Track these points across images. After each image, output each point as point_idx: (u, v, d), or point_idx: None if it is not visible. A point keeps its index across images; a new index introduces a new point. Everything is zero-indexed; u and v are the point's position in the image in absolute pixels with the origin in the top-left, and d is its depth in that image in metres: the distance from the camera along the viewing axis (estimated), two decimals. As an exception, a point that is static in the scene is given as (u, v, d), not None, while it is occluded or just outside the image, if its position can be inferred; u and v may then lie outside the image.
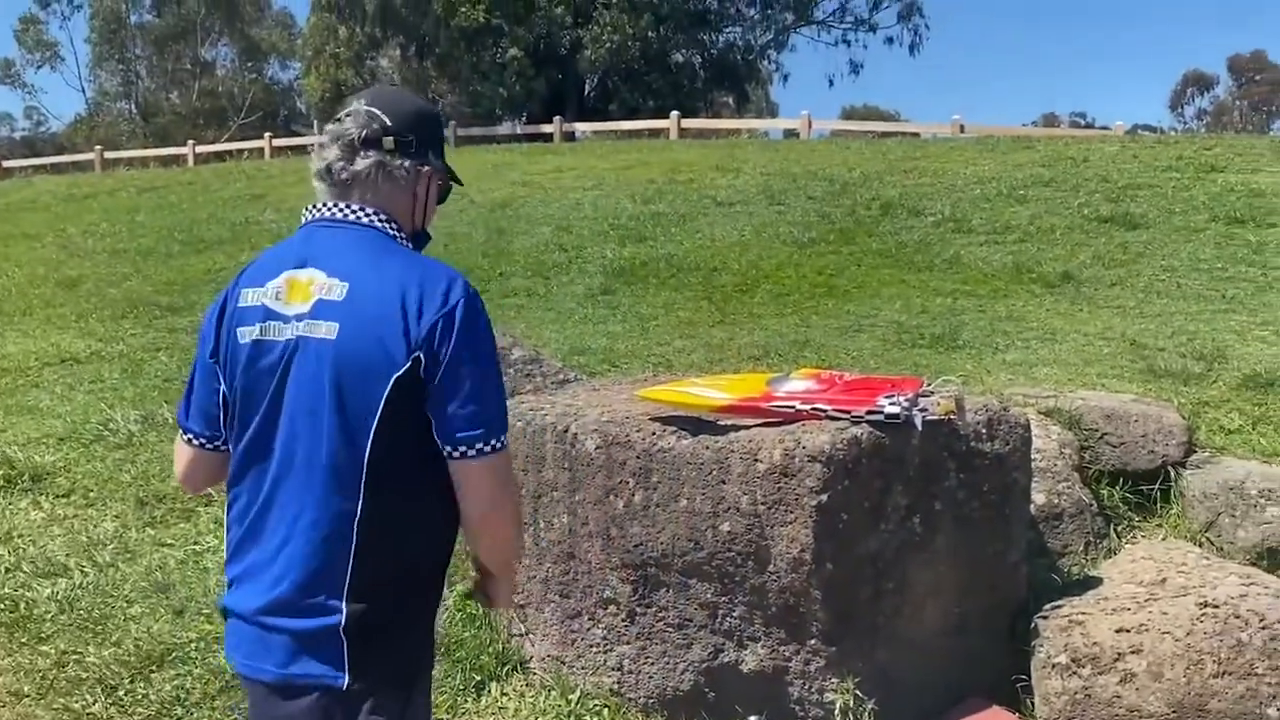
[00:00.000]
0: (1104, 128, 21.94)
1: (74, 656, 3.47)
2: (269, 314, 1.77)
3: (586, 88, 26.45)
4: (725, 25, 27.45)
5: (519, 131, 22.43)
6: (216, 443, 1.90)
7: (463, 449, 1.72)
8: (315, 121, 32.04)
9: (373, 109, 1.83)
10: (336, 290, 1.72)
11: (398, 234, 1.83)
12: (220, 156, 22.21)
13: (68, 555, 4.13)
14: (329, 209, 1.82)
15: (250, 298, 1.80)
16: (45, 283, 9.00)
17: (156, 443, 5.05)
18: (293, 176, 14.10)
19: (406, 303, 1.69)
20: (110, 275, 9.10)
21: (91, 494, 4.66)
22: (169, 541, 4.27)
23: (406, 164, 1.83)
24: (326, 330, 1.71)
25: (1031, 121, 43.03)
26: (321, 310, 1.72)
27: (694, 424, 3.03)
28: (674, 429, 3.02)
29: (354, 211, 1.80)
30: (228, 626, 1.87)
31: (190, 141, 24.35)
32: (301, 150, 22.87)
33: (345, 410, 1.70)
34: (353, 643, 1.74)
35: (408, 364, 1.68)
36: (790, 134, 19.34)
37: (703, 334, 6.05)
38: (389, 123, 1.81)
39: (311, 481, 1.74)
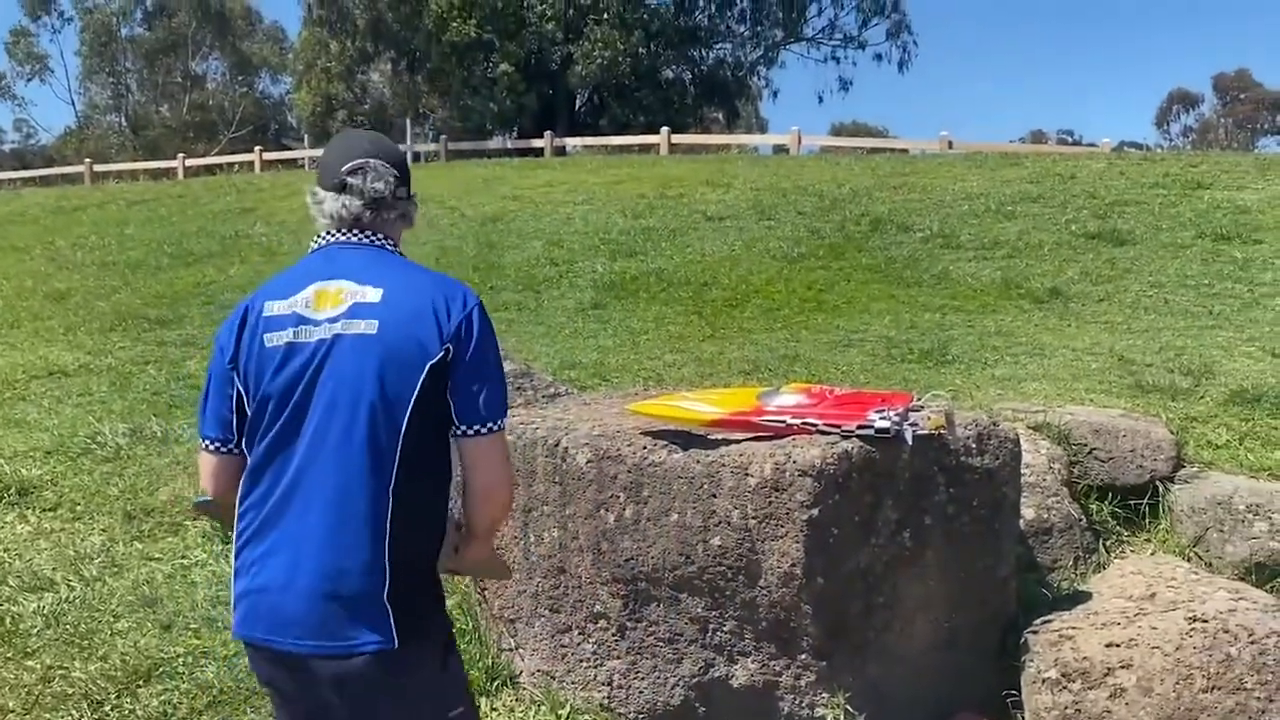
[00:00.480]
0: (1091, 144, 22.12)
1: (60, 671, 3.44)
2: (300, 320, 2.02)
3: (577, 103, 26.55)
4: (715, 42, 27.61)
5: (510, 146, 22.48)
6: (230, 446, 2.09)
7: (476, 427, 2.01)
8: (306, 135, 32.05)
9: (386, 164, 2.13)
10: (371, 295, 2.01)
11: (396, 251, 2.16)
12: (210, 170, 22.20)
13: (54, 569, 4.10)
14: (344, 235, 2.12)
15: (277, 308, 2.04)
16: (33, 295, 8.96)
17: (144, 456, 5.03)
18: (283, 190, 14.09)
19: (435, 305, 2.00)
20: (99, 288, 9.07)
21: (79, 507, 4.64)
22: (156, 555, 4.25)
23: (412, 210, 2.21)
24: (365, 327, 1.98)
25: (1019, 138, 43.34)
26: (358, 311, 2.00)
27: (685, 438, 3.03)
28: (665, 443, 3.03)
29: (368, 236, 2.13)
30: (250, 605, 2.01)
31: (180, 155, 24.33)
32: (292, 164, 22.91)
33: (386, 393, 1.96)
34: (396, 608, 1.95)
35: (440, 354, 1.97)
36: (780, 149, 19.43)
37: (693, 348, 6.06)
38: (397, 176, 2.14)
39: (347, 461, 1.96)
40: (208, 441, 2.10)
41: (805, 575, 2.83)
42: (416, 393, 1.96)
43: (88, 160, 24.28)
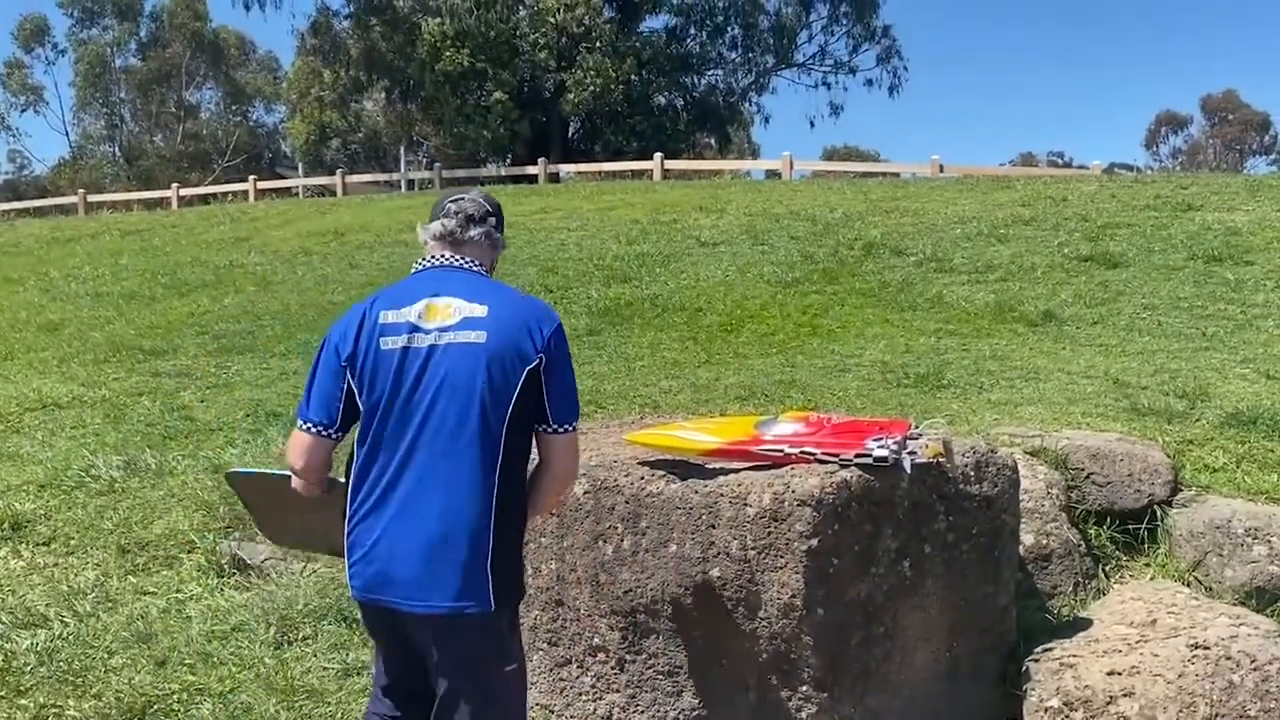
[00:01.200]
0: (1081, 166, 22.25)
1: (54, 710, 3.40)
2: (414, 328, 2.41)
3: (570, 130, 26.66)
4: (707, 68, 27.78)
5: (504, 173, 22.55)
6: (332, 431, 2.47)
7: (559, 426, 2.45)
8: (300, 164, 32.14)
9: (478, 199, 2.61)
10: (478, 310, 2.42)
11: (489, 275, 2.58)
12: (204, 199, 22.22)
13: (48, 605, 4.07)
14: (448, 258, 2.53)
15: (392, 316, 2.44)
16: (27, 327, 8.94)
17: (139, 489, 5.00)
18: (277, 219, 14.12)
19: (529, 321, 2.43)
20: (93, 319, 9.05)
21: (72, 542, 4.60)
22: (151, 590, 4.21)
23: (497, 235, 2.62)
24: (475, 336, 2.39)
25: (1010, 161, 43.68)
26: (468, 324, 2.40)
27: (683, 468, 3.03)
28: (663, 473, 3.02)
29: (467, 261, 2.54)
30: (366, 568, 2.41)
31: (174, 184, 24.37)
32: (286, 193, 22.95)
33: (494, 389, 2.36)
34: (495, 575, 2.35)
35: (536, 359, 2.39)
36: (772, 174, 19.50)
37: (689, 374, 6.05)
38: (489, 208, 2.61)
39: (458, 446, 2.35)
40: (310, 425, 2.46)
41: (805, 606, 2.81)
42: (518, 389, 2.37)
43: (82, 191, 24.28)
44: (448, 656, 2.40)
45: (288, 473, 2.56)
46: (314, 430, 2.47)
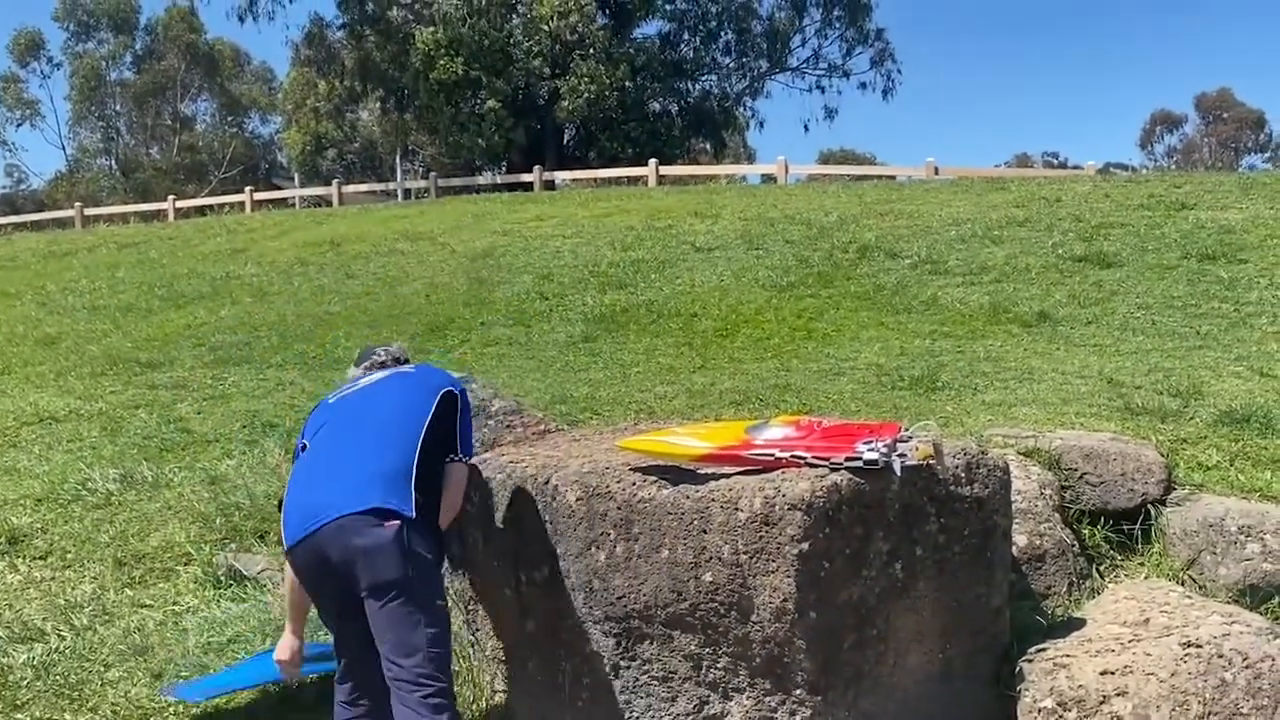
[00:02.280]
0: (1076, 167, 22.30)
1: (50, 724, 3.41)
2: (353, 385, 3.21)
3: (565, 137, 26.68)
4: (701, 74, 27.81)
5: (499, 181, 22.57)
6: None
7: (464, 456, 3.10)
8: (296, 175, 32.15)
9: (398, 351, 3.36)
10: (406, 368, 3.26)
11: None
12: (201, 211, 22.24)
13: (44, 619, 4.08)
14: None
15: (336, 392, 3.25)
16: (24, 341, 8.95)
17: (135, 502, 5.01)
18: (273, 230, 14.14)
19: (447, 375, 3.25)
20: (90, 332, 9.06)
21: (69, 555, 4.61)
22: (148, 602, 4.22)
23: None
24: (404, 369, 3.27)
25: (1004, 162, 43.73)
26: (397, 371, 3.24)
27: (674, 473, 3.03)
28: (654, 479, 3.02)
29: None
30: (294, 518, 2.90)
31: (171, 196, 24.36)
32: (283, 204, 22.97)
33: (413, 402, 3.08)
34: (418, 492, 2.86)
35: (451, 389, 3.11)
36: (767, 179, 19.54)
37: (684, 379, 6.06)
38: (406, 358, 3.37)
39: (381, 434, 2.98)
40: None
41: (797, 609, 2.82)
42: (434, 408, 3.00)
43: (78, 204, 24.30)
44: (367, 573, 2.72)
45: (231, 687, 3.24)
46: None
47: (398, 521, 2.75)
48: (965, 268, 8.43)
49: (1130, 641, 3.09)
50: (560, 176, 21.86)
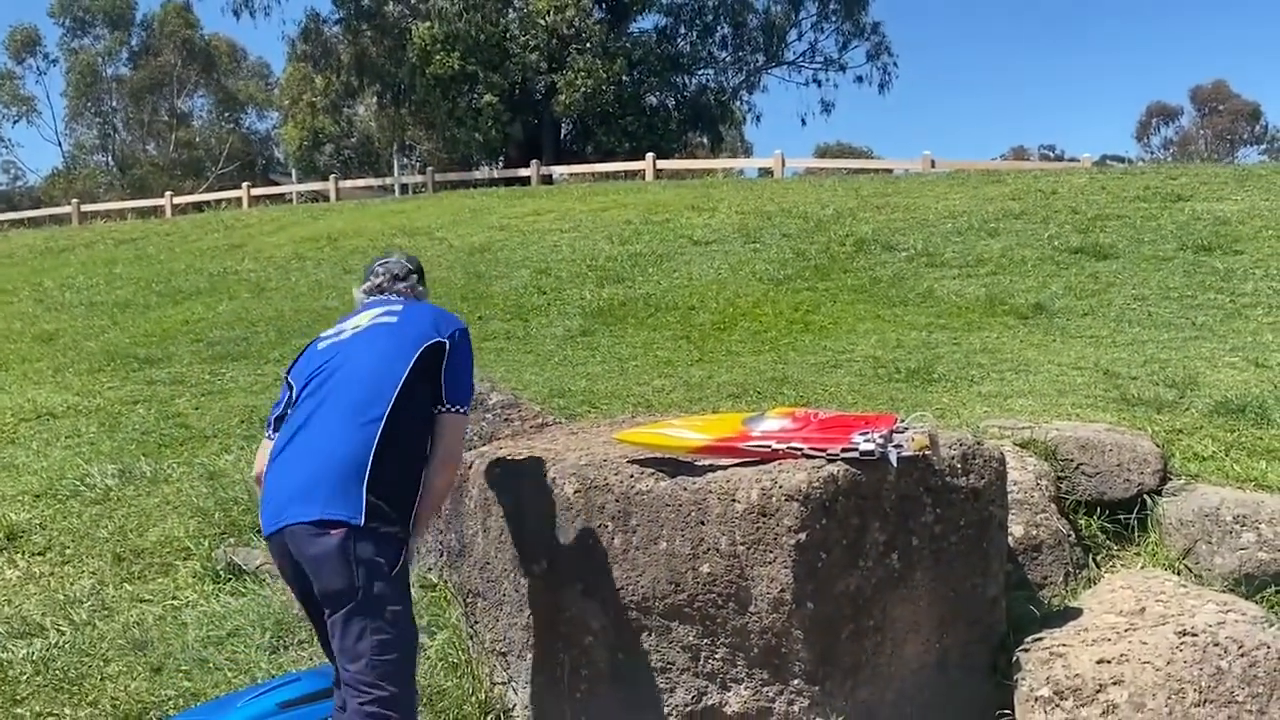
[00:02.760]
0: (1072, 159, 22.30)
1: (50, 718, 3.42)
2: (339, 332, 3.01)
3: (562, 131, 26.67)
4: (697, 68, 27.82)
5: (496, 176, 22.56)
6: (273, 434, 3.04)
7: (451, 406, 2.89)
8: (293, 170, 32.14)
9: (402, 260, 3.20)
10: (394, 306, 3.03)
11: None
12: (198, 207, 22.23)
13: (44, 614, 4.08)
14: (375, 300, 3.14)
15: (328, 332, 3.05)
16: (22, 337, 8.95)
17: (134, 497, 5.01)
18: (271, 225, 14.13)
19: (437, 319, 2.99)
20: (87, 328, 9.06)
21: (68, 550, 4.61)
22: (147, 597, 4.23)
23: (421, 288, 3.18)
24: (387, 318, 2.98)
25: (1001, 155, 43.69)
26: (384, 314, 3.00)
27: (672, 465, 3.04)
28: (652, 471, 3.03)
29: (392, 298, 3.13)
30: (268, 509, 2.82)
31: (168, 192, 24.33)
32: (280, 199, 22.95)
33: (389, 355, 2.89)
34: (370, 495, 2.70)
35: (435, 340, 2.91)
36: (764, 173, 19.55)
37: (681, 373, 6.07)
38: (410, 267, 3.20)
39: (350, 400, 2.82)
40: (267, 435, 3.04)
41: (795, 600, 2.83)
42: (413, 362, 2.82)
43: (75, 200, 24.30)
44: (317, 580, 2.69)
45: None
46: (268, 437, 2.98)
47: (343, 529, 2.66)
48: (961, 260, 8.45)
49: (1126, 630, 3.10)
50: (557, 171, 21.85)
